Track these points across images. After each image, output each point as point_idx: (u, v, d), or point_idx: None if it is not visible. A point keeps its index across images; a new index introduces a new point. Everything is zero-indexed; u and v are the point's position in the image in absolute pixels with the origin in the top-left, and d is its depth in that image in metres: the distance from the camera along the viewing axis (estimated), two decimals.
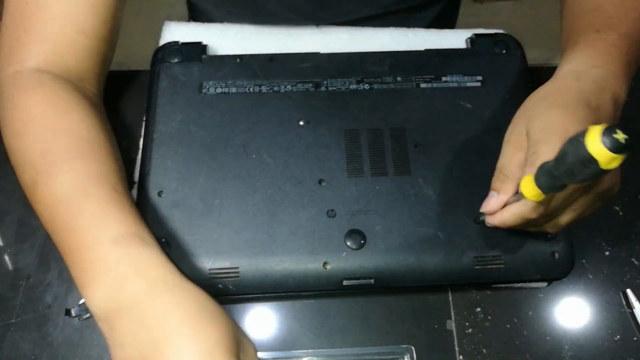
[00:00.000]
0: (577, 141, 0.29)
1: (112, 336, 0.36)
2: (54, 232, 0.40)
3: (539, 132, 0.39)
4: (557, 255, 0.45)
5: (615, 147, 0.27)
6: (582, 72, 0.42)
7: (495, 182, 0.42)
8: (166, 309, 0.35)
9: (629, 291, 0.50)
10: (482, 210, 0.42)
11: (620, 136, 0.27)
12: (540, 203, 0.38)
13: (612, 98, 0.41)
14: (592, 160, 0.29)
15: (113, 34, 0.51)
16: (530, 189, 0.36)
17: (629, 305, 0.50)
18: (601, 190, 0.39)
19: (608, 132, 0.28)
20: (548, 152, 0.36)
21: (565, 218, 0.40)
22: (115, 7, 0.49)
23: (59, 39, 0.46)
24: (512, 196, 0.40)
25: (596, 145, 0.28)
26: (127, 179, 0.44)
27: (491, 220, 0.42)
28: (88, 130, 0.44)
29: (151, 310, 0.35)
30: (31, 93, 0.44)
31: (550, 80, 0.43)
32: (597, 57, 0.43)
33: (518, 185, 0.39)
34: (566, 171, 0.31)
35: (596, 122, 0.35)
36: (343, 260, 0.45)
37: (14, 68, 0.46)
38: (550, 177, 0.34)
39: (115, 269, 0.36)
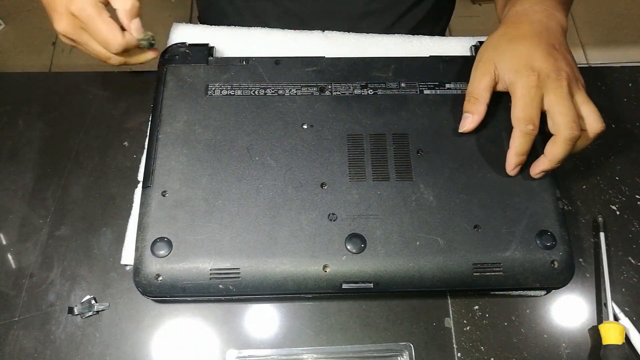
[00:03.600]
0: None
1: None
2: None
3: (509, 64, 0.48)
4: (556, 264, 0.46)
5: None
6: (527, 9, 0.52)
7: (467, 105, 0.49)
8: None
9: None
10: (460, 130, 0.50)
11: None
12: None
13: (557, 23, 0.51)
14: None
15: None
16: None
17: None
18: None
19: None
20: (522, 78, 0.46)
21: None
22: None
23: None
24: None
25: None
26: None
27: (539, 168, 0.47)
28: None
29: None
30: None
31: (503, 21, 0.53)
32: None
33: (488, 105, 0.49)
34: None
35: (550, 44, 0.48)
36: (343, 264, 0.45)
37: None
38: None
39: None
